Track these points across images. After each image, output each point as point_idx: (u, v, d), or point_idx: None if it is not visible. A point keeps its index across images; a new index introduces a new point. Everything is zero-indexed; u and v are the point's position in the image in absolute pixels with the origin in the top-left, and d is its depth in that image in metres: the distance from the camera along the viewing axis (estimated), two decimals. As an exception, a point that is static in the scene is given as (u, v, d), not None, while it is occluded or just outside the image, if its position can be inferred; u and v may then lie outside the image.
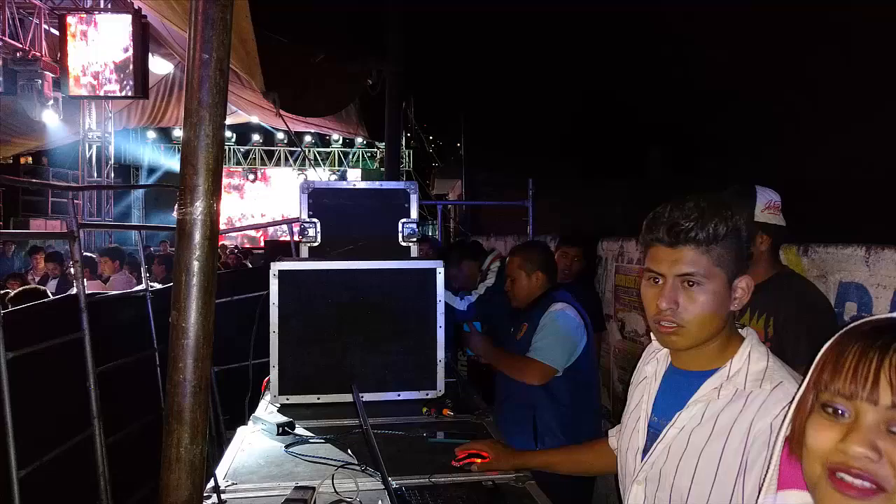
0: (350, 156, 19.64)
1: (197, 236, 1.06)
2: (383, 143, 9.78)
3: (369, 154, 19.68)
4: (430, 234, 10.48)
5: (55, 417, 2.51)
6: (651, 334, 1.25)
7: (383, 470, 1.45)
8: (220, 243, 8.46)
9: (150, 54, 8.75)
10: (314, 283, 2.26)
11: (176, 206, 1.10)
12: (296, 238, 3.07)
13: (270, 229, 16.45)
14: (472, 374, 3.58)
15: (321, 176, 17.99)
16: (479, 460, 1.69)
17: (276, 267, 2.23)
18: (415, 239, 2.50)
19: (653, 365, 1.28)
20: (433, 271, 2.31)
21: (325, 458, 1.76)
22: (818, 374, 0.71)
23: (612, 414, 3.56)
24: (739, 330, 1.19)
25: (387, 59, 7.43)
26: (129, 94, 8.80)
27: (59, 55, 8.88)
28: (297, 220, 2.54)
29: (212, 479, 1.57)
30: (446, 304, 2.35)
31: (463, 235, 8.52)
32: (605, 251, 3.78)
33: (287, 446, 1.86)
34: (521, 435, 2.44)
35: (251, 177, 19.55)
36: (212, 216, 1.07)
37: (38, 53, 9.15)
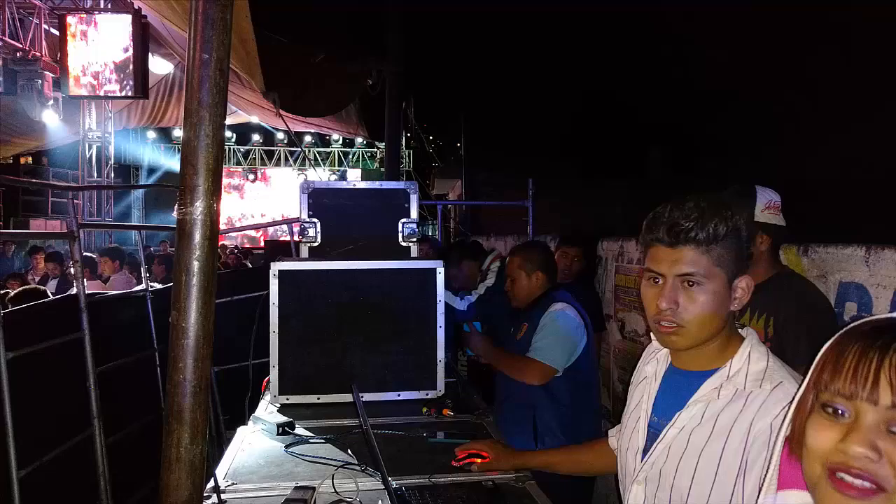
0: (350, 156, 19.64)
1: (197, 236, 1.06)
2: (383, 143, 9.78)
3: (369, 154, 19.68)
4: (430, 234, 10.47)
5: (55, 417, 2.51)
6: (651, 334, 1.25)
7: (383, 470, 1.45)
8: (220, 243, 8.46)
9: (150, 54, 8.76)
10: (314, 283, 2.26)
11: (176, 206, 1.10)
12: (296, 238, 3.07)
13: (270, 229, 16.45)
14: (472, 374, 3.58)
15: (321, 176, 18.00)
16: (479, 460, 1.69)
17: (276, 267, 2.23)
18: (415, 239, 2.50)
19: (653, 365, 1.28)
20: (433, 271, 2.31)
21: (325, 458, 1.76)
22: (818, 374, 0.71)
23: (612, 414, 3.56)
24: (739, 330, 1.19)
25: (387, 59, 7.43)
26: (129, 94, 8.80)
27: (59, 55, 8.88)
28: (297, 220, 2.54)
29: (212, 479, 1.57)
30: (446, 304, 2.35)
31: (463, 235, 8.51)
32: (605, 251, 3.78)
33: (287, 446, 1.86)
34: (521, 435, 2.44)
35: (251, 177, 19.55)
36: (212, 216, 1.07)
37: (37, 53, 9.16)
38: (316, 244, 2.44)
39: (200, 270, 1.06)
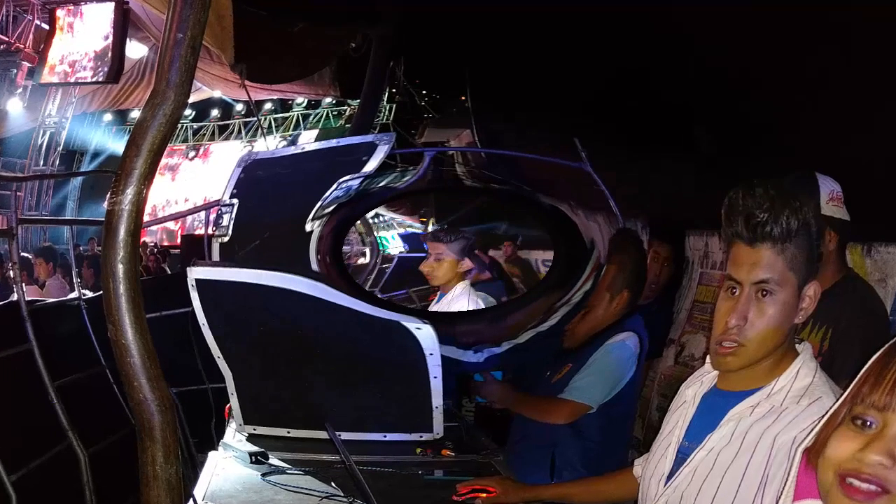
0: (311, 118, 18.72)
1: (122, 231, 1.15)
2: (357, 101, 9.66)
3: (335, 112, 18.59)
4: (409, 178, 9.73)
5: (26, 432, 2.58)
6: (707, 356, 1.32)
7: (373, 502, 1.48)
8: (142, 239, 8.32)
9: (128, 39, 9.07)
10: (241, 299, 1.98)
11: (108, 195, 1.18)
12: (210, 230, 2.77)
13: (189, 219, 14.79)
14: (479, 418, 3.42)
15: (271, 144, 17.12)
16: (483, 495, 1.70)
17: (194, 275, 1.93)
18: (332, 208, 2.25)
19: (694, 388, 1.36)
20: (399, 326, 1.98)
21: (306, 488, 1.78)
22: (858, 388, 0.79)
23: (641, 444, 3.59)
24: (797, 345, 1.26)
25: (375, 25, 7.42)
26: (101, 79, 9.27)
27: (41, 46, 9.56)
28: (216, 203, 2.33)
29: (191, 500, 1.60)
30: (448, 357, 2.18)
31: (505, 184, 7.77)
32: (691, 250, 3.62)
33: (264, 475, 1.88)
34: (536, 474, 2.35)
35: (191, 154, 18.85)
36: (138, 205, 1.17)
37: (20, 45, 9.83)
38: (226, 238, 2.20)
39: (125, 276, 1.15)
